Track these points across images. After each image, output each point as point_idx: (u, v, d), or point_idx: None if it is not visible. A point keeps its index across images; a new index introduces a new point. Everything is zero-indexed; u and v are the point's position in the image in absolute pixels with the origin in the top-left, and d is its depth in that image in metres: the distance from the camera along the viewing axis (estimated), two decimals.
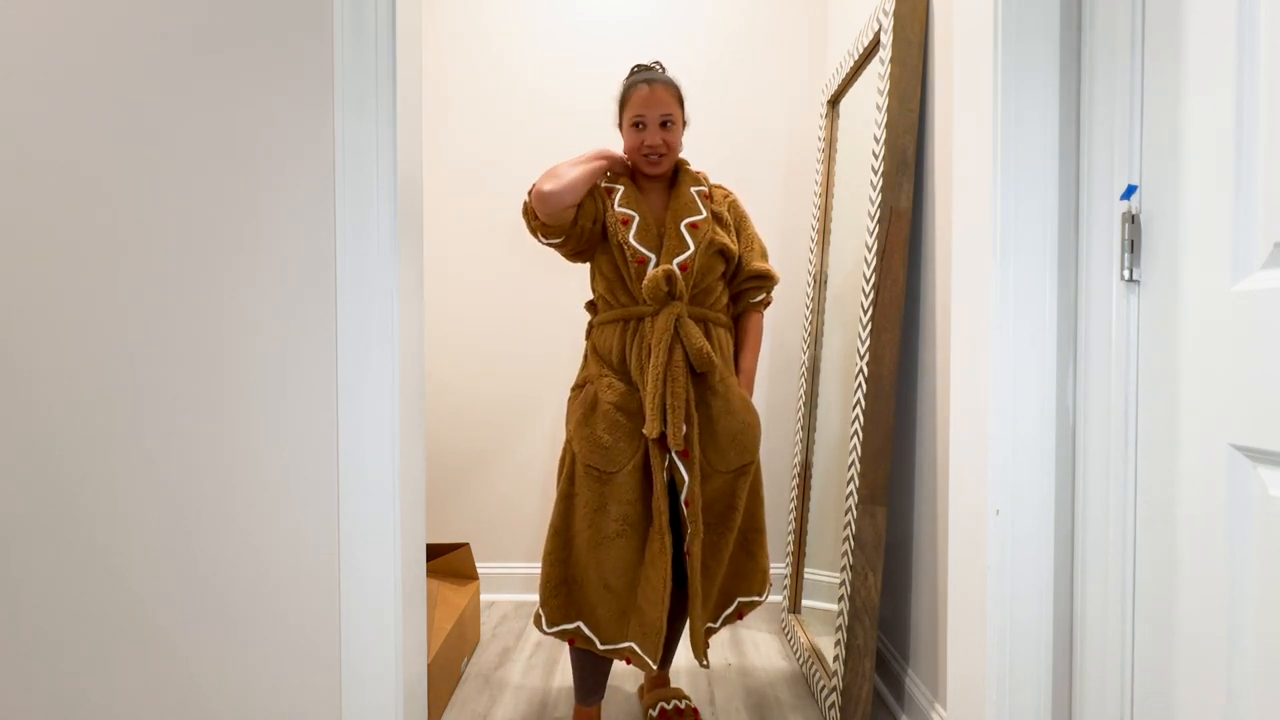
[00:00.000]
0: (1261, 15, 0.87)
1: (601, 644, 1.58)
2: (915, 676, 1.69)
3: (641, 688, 1.86)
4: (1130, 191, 1.07)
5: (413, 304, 1.37)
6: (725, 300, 1.72)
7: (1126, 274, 1.08)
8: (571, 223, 1.59)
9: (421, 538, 1.45)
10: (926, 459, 1.65)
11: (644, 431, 1.55)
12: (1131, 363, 1.08)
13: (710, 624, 1.67)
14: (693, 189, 1.69)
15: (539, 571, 2.62)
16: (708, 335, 1.63)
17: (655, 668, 1.56)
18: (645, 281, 1.56)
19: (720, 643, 2.25)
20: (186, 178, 1.27)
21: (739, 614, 1.72)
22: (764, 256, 1.76)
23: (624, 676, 2.00)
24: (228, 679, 1.29)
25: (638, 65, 1.74)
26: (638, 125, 1.65)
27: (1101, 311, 1.13)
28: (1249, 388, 0.88)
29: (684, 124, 1.71)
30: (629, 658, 1.57)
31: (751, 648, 2.21)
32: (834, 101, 2.31)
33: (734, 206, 1.76)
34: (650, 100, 1.63)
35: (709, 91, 2.61)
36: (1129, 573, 1.09)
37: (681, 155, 1.75)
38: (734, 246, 1.68)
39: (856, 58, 1.99)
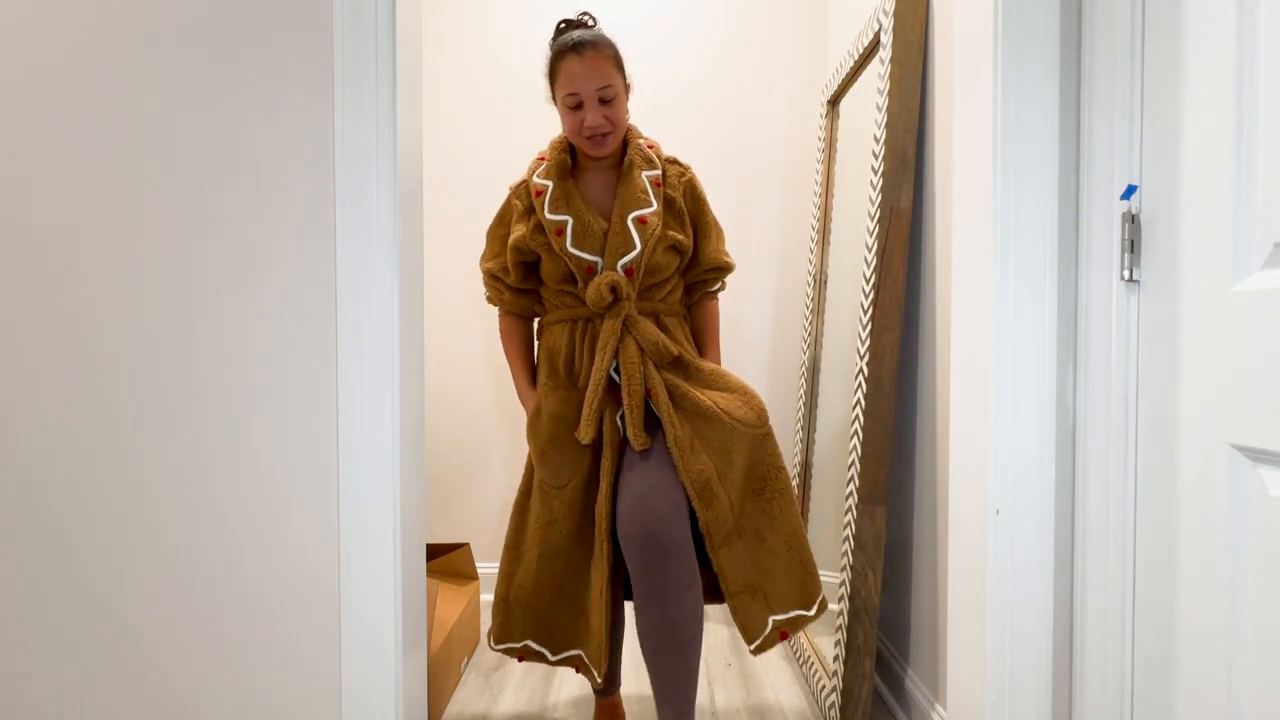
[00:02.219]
0: (1261, 15, 0.87)
1: (553, 655, 1.54)
2: (915, 676, 1.69)
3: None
4: (1130, 191, 1.07)
5: (413, 303, 1.37)
6: (679, 293, 1.60)
7: (1126, 274, 1.08)
8: (531, 284, 1.60)
9: (421, 538, 1.45)
10: (926, 459, 1.65)
11: (577, 436, 1.47)
12: (1131, 363, 1.08)
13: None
14: (645, 174, 1.51)
15: None
16: (661, 328, 1.53)
17: (599, 680, 1.47)
18: (588, 294, 1.45)
19: (720, 643, 2.25)
20: (185, 176, 1.27)
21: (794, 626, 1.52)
22: (721, 241, 1.63)
23: (625, 679, 2.00)
24: (228, 679, 1.29)
25: (563, 22, 1.52)
26: (573, 105, 1.46)
27: (1101, 311, 1.13)
28: (1249, 387, 0.88)
29: (627, 90, 1.52)
30: (578, 665, 1.51)
31: None
32: (834, 101, 2.31)
33: (690, 189, 1.57)
34: (583, 73, 1.43)
35: (708, 92, 2.60)
36: (1129, 573, 1.09)
37: (631, 123, 1.57)
38: (688, 242, 1.54)
39: (856, 58, 1.99)
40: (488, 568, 2.64)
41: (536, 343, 1.64)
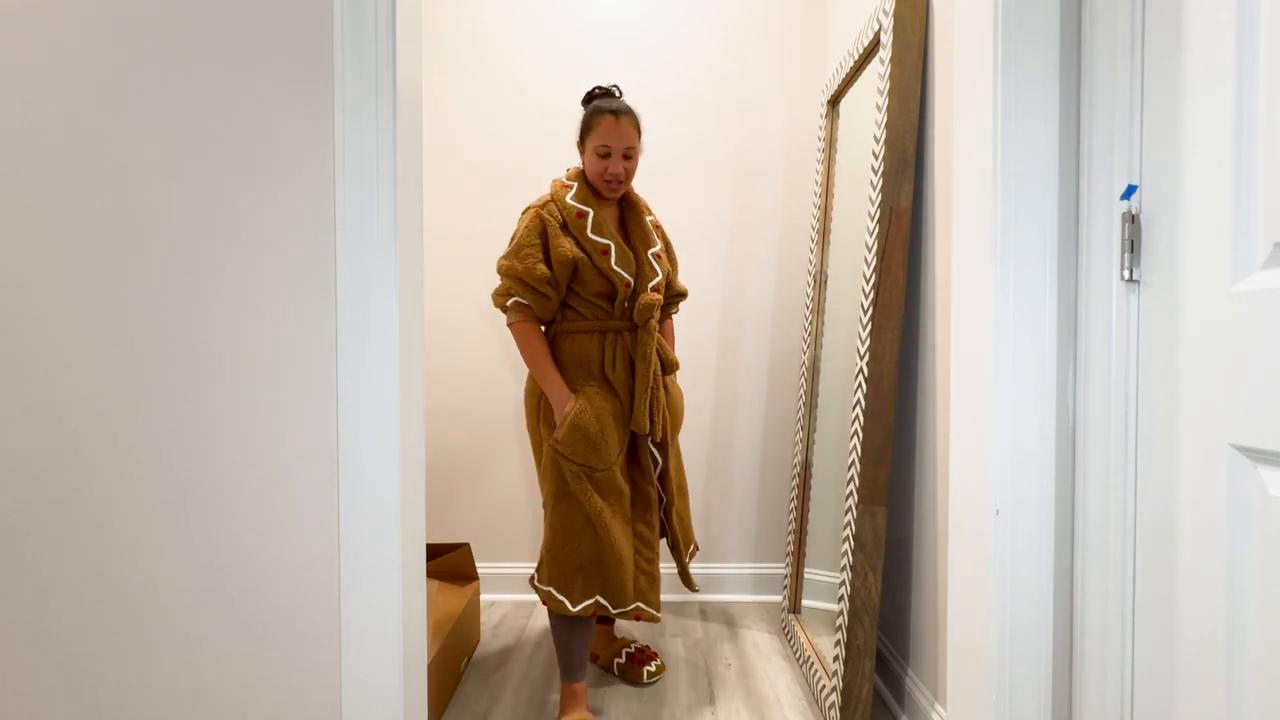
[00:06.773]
0: (1261, 15, 0.87)
1: (615, 609, 1.76)
2: (915, 676, 1.69)
3: (593, 654, 2.11)
4: (1130, 191, 1.07)
5: (413, 304, 1.37)
6: None
7: (1126, 274, 1.08)
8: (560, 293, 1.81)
9: (421, 538, 1.45)
10: (926, 459, 1.65)
11: (633, 428, 1.78)
12: (1131, 363, 1.08)
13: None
14: (648, 219, 1.89)
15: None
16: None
17: (660, 617, 1.82)
18: (639, 306, 1.78)
19: (721, 643, 2.25)
20: (186, 177, 1.27)
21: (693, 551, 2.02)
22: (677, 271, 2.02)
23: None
24: (227, 679, 1.29)
25: (598, 88, 1.86)
26: (603, 154, 1.78)
27: (1101, 311, 1.13)
28: (1249, 388, 0.88)
29: (639, 153, 1.89)
30: (639, 615, 1.77)
31: (751, 647, 2.22)
32: (834, 101, 2.31)
33: (662, 231, 1.97)
34: (617, 132, 1.77)
35: (709, 91, 2.61)
36: (1129, 573, 1.09)
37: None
38: (673, 275, 1.95)
39: (856, 58, 1.99)
40: (488, 568, 2.64)
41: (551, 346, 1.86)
